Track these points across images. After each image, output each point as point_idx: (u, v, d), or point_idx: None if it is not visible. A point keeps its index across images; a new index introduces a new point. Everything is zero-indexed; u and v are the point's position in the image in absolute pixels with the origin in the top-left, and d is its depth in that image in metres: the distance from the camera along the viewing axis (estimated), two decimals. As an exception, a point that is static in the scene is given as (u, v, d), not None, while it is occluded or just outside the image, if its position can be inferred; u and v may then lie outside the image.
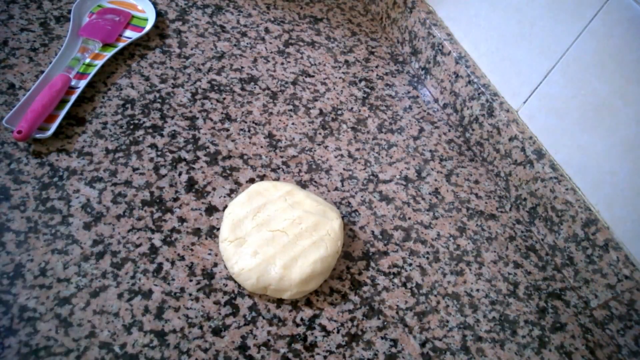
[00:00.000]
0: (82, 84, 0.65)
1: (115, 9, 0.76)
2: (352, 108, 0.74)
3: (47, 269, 0.49)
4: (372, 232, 0.61)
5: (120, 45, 0.71)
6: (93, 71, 0.66)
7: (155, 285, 0.51)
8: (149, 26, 0.74)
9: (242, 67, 0.74)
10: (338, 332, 0.52)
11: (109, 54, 0.69)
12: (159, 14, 0.78)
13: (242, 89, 0.71)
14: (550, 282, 0.63)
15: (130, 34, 0.73)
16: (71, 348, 0.46)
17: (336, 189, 0.64)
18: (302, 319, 0.52)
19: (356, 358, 0.51)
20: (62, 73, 0.64)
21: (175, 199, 0.58)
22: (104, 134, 0.61)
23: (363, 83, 0.78)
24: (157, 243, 0.54)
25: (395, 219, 0.63)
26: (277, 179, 0.63)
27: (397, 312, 0.55)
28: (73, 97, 0.63)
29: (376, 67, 0.81)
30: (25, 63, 0.65)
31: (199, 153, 0.63)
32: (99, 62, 0.68)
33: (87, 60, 0.68)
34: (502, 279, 0.61)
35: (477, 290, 0.60)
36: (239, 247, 0.53)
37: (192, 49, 0.74)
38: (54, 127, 0.59)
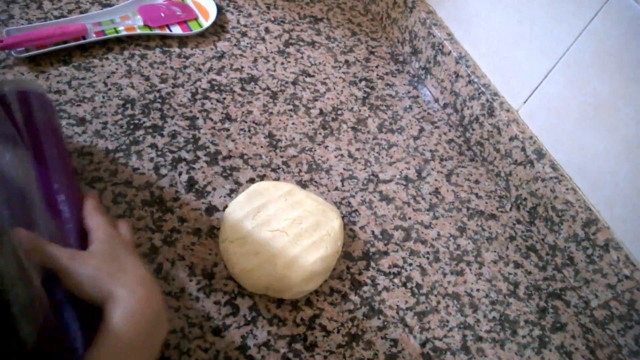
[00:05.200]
0: (94, 38, 0.69)
1: (187, 6, 0.78)
2: (352, 108, 0.74)
3: (47, 269, 0.49)
4: (372, 232, 0.61)
5: (156, 31, 0.73)
6: (112, 35, 0.70)
7: (156, 285, 0.51)
8: (194, 32, 0.75)
9: (242, 67, 0.74)
10: (338, 332, 0.52)
11: (140, 31, 0.72)
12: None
13: (242, 89, 0.71)
14: (550, 282, 0.63)
15: (175, 30, 0.75)
16: (71, 348, 0.45)
17: (336, 188, 0.64)
18: (302, 319, 0.52)
19: (356, 358, 0.51)
20: (84, 23, 0.69)
21: (176, 199, 0.58)
22: (104, 134, 0.61)
23: (363, 83, 0.78)
24: (157, 243, 0.54)
25: (396, 219, 0.63)
26: (277, 179, 0.63)
27: (397, 312, 0.55)
28: (74, 43, 0.67)
29: (376, 67, 0.81)
30: (26, 63, 0.65)
31: (199, 153, 0.63)
32: (123, 32, 0.71)
33: (120, 28, 0.72)
34: (502, 279, 0.61)
35: (477, 290, 0.60)
36: (239, 247, 0.53)
37: (192, 49, 0.74)
38: (34, 52, 0.65)
